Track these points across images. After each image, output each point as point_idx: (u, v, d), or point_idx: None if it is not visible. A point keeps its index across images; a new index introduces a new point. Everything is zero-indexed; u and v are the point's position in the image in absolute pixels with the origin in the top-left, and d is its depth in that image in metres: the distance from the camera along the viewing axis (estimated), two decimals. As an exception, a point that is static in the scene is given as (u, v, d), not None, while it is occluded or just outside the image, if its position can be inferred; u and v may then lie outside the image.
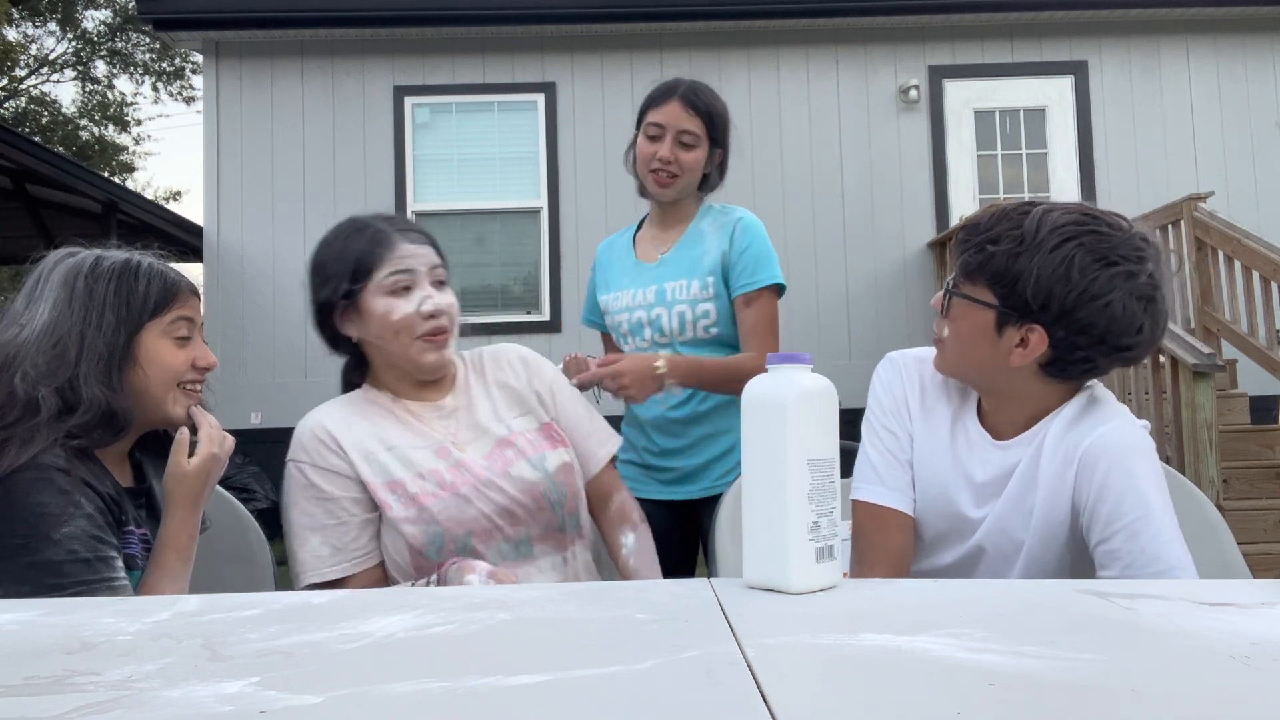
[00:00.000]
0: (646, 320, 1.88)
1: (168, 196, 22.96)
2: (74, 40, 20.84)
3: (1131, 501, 1.08)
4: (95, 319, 1.17)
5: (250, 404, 6.14)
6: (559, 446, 1.41)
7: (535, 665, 0.63)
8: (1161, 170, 6.56)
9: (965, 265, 1.16)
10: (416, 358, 1.35)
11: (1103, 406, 1.17)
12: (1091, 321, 1.08)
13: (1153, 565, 1.06)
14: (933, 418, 1.25)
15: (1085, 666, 0.62)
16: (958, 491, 1.21)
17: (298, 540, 1.30)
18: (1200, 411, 3.83)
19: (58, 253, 1.23)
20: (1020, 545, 1.16)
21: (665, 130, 1.84)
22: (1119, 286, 1.08)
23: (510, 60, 6.63)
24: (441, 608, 0.81)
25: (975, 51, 6.72)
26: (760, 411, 0.90)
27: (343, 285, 1.33)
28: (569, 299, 6.49)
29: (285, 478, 1.34)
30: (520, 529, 1.33)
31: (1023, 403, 1.18)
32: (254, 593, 1.23)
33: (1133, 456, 1.11)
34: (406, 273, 1.34)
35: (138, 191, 15.71)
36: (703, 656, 0.65)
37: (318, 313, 1.37)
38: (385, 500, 1.29)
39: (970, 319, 1.16)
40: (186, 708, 0.56)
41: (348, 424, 1.34)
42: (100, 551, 1.11)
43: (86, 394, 1.14)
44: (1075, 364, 1.13)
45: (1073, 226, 1.09)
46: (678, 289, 1.86)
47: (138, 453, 1.29)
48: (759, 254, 1.83)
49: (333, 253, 1.36)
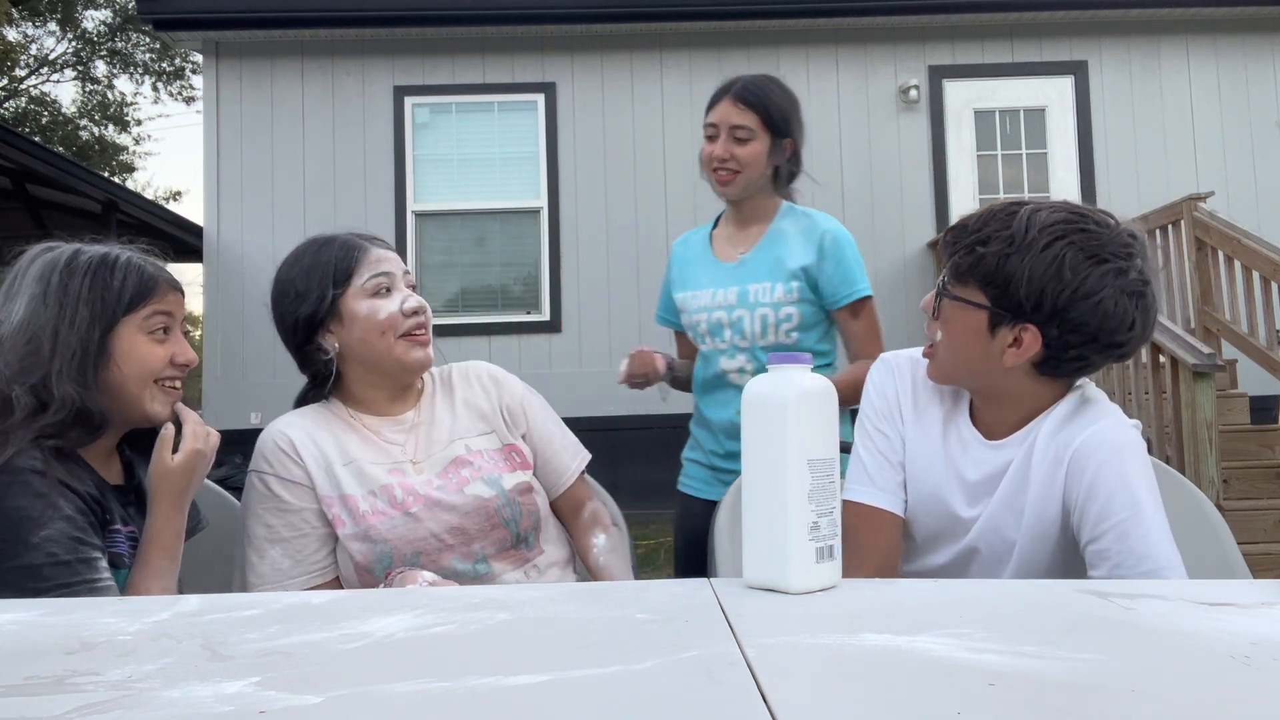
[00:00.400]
0: (727, 321, 1.86)
1: (168, 196, 23.00)
2: (74, 40, 20.85)
3: (1121, 501, 1.08)
4: (69, 315, 1.15)
5: (250, 404, 6.14)
6: (517, 469, 1.40)
7: (535, 665, 0.63)
8: (1161, 170, 6.56)
9: (956, 267, 1.16)
10: (402, 356, 1.35)
11: (1094, 406, 1.17)
12: (1084, 320, 1.08)
13: (1142, 565, 1.06)
14: (925, 418, 1.25)
15: (1085, 666, 0.62)
16: (950, 492, 1.21)
17: (256, 552, 1.29)
18: (1200, 411, 3.83)
19: (35, 248, 1.21)
20: (1013, 545, 1.16)
21: (719, 129, 1.83)
22: (1110, 284, 1.08)
23: (510, 60, 6.63)
24: (442, 608, 0.81)
25: (975, 51, 6.72)
26: (760, 411, 0.90)
27: (328, 292, 1.33)
28: (569, 299, 6.49)
29: (246, 487, 1.33)
30: (474, 547, 1.32)
31: (1015, 402, 1.18)
32: (254, 593, 1.24)
33: (1123, 456, 1.11)
34: (385, 275, 1.35)
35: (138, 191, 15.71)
36: (703, 656, 0.65)
37: (302, 329, 1.36)
38: (337, 515, 1.29)
39: (962, 321, 1.16)
40: (187, 708, 0.56)
41: (309, 434, 1.34)
42: (81, 553, 1.09)
43: (59, 392, 1.12)
44: (1069, 362, 1.13)
45: (1062, 225, 1.10)
46: (761, 291, 1.83)
47: (127, 450, 1.28)
48: (855, 263, 1.83)
49: (302, 269, 1.36)
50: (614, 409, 5.94)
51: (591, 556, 1.42)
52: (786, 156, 1.88)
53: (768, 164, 1.85)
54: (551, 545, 1.42)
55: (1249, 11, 6.63)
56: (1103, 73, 6.70)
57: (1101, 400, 1.19)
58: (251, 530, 1.30)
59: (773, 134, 1.83)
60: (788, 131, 1.85)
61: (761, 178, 1.86)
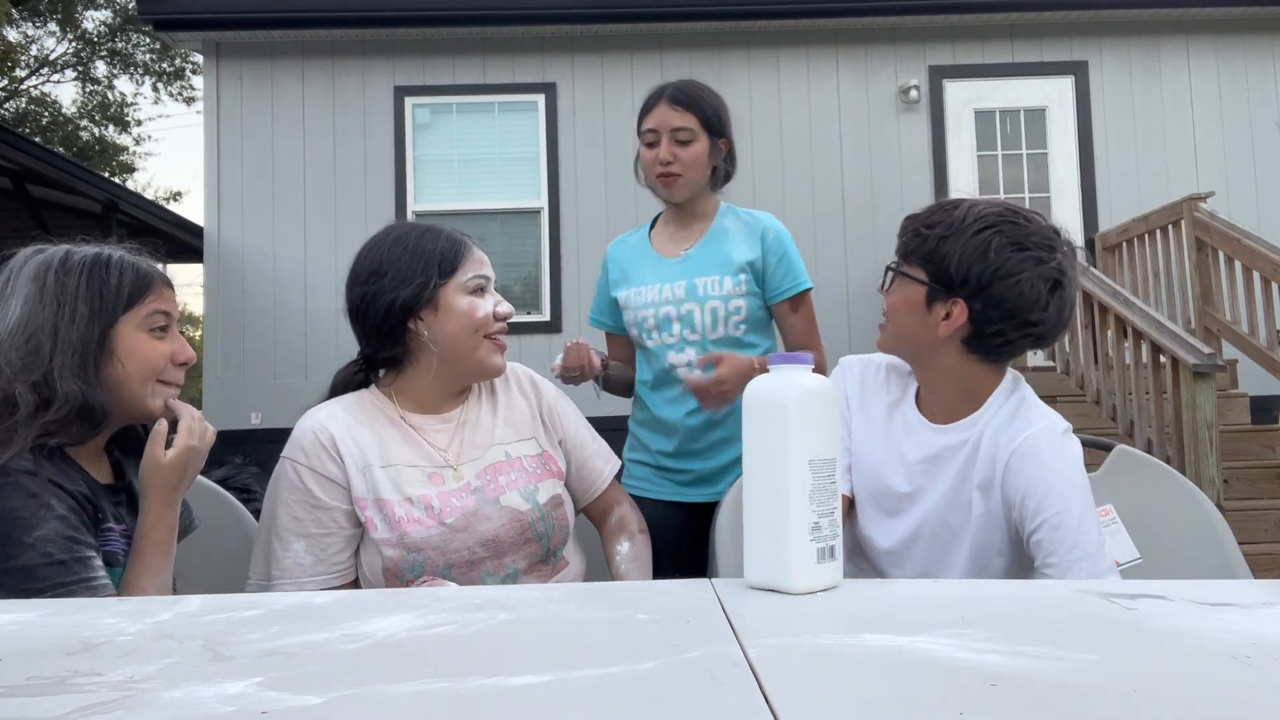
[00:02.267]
0: (676, 315, 1.87)
1: (168, 197, 22.97)
2: (74, 40, 20.83)
3: (1054, 498, 1.21)
4: (68, 312, 1.15)
5: (250, 404, 6.13)
6: (550, 477, 1.40)
7: (537, 666, 0.63)
8: (1161, 170, 6.56)
9: (904, 247, 1.33)
10: (485, 358, 1.37)
11: (1030, 411, 1.29)
12: (1003, 297, 1.24)
13: (1073, 553, 1.19)
14: (870, 407, 1.41)
15: (1086, 667, 0.62)
16: (890, 469, 1.35)
17: (281, 542, 1.28)
18: (1200, 411, 3.83)
19: (26, 250, 1.21)
20: (960, 535, 1.29)
21: (659, 133, 1.86)
22: (1029, 270, 1.23)
23: (510, 60, 6.63)
24: (443, 608, 0.81)
25: (975, 51, 6.72)
26: (761, 412, 0.90)
27: (432, 280, 1.33)
28: (569, 299, 6.49)
29: (278, 473, 1.31)
30: (506, 560, 1.32)
31: (952, 380, 1.32)
32: (255, 593, 1.23)
33: (1053, 458, 1.23)
34: (484, 277, 1.38)
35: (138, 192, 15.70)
36: (704, 657, 0.65)
37: (398, 311, 1.32)
38: (370, 518, 1.28)
39: (905, 294, 1.32)
40: (188, 708, 0.56)
41: (350, 430, 1.32)
42: (76, 552, 1.09)
43: (62, 388, 1.12)
44: (991, 337, 1.27)
45: (993, 216, 1.26)
46: (709, 284, 1.86)
47: (115, 450, 1.27)
48: (794, 259, 1.89)
49: (404, 252, 1.34)
50: (614, 409, 5.94)
51: (615, 563, 1.44)
52: (723, 156, 1.92)
53: (708, 163, 1.89)
54: (573, 557, 1.43)
55: (1249, 11, 6.63)
56: (1103, 73, 6.69)
57: (1037, 404, 1.32)
58: (279, 519, 1.29)
59: (710, 134, 1.88)
60: (723, 131, 1.90)
61: (704, 178, 1.90)
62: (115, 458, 1.27)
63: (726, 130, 1.91)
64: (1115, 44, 6.71)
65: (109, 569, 1.14)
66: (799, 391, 0.88)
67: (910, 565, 1.33)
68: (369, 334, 1.36)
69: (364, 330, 1.37)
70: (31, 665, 0.65)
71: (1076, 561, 1.18)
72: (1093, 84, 6.67)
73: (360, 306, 1.35)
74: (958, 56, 6.71)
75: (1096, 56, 6.70)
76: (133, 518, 1.22)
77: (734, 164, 1.95)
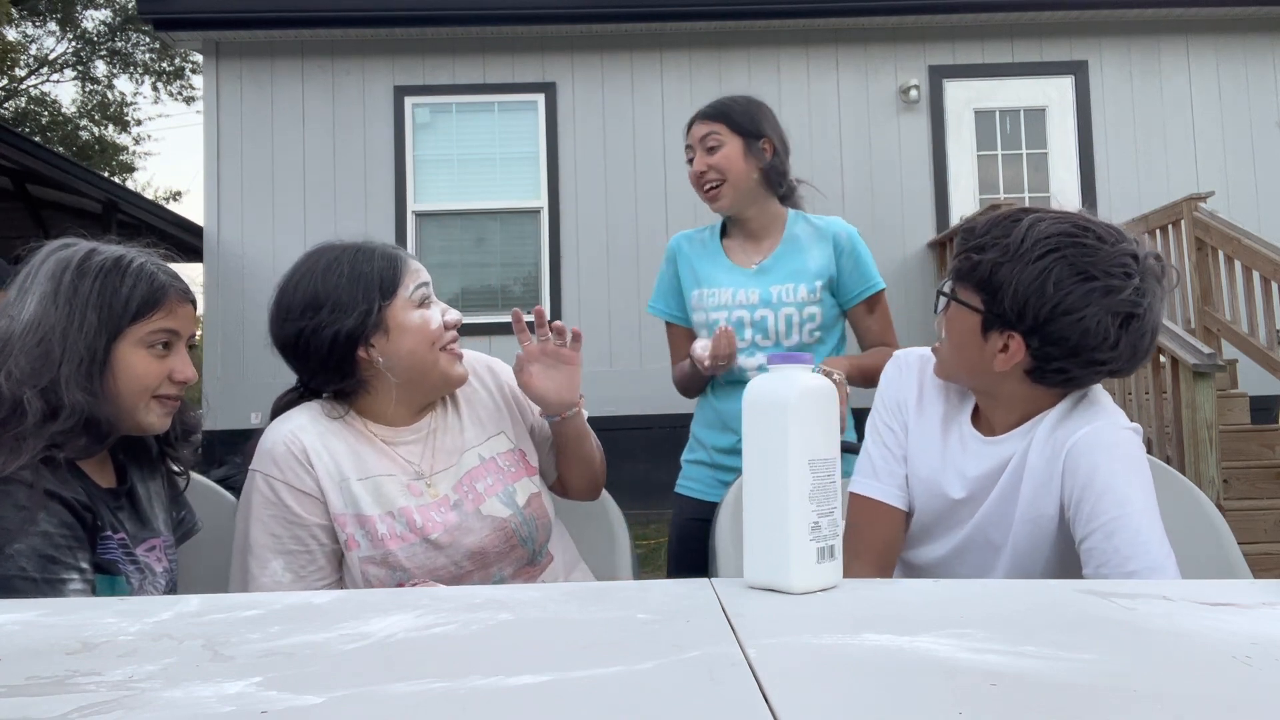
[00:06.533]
0: (749, 320, 1.87)
1: (168, 196, 22.98)
2: (74, 40, 20.84)
3: (1110, 501, 1.09)
4: (78, 318, 1.12)
5: (250, 404, 6.13)
6: (525, 476, 1.38)
7: (536, 665, 0.63)
8: (1161, 170, 6.56)
9: (957, 270, 1.19)
10: (447, 370, 1.31)
11: (1094, 405, 1.17)
12: (1064, 335, 1.09)
13: (1127, 565, 1.06)
14: (928, 413, 1.28)
15: (1087, 667, 0.62)
16: (948, 483, 1.22)
17: (258, 561, 1.23)
18: (1200, 411, 3.83)
19: (52, 244, 1.18)
20: (1007, 538, 1.18)
21: (695, 149, 1.88)
22: (1095, 302, 1.07)
23: (510, 60, 6.63)
24: (442, 608, 0.81)
25: (975, 51, 6.72)
26: (762, 411, 0.90)
27: (374, 304, 1.25)
28: (569, 299, 6.49)
29: (249, 487, 1.25)
30: (493, 570, 1.30)
31: (1013, 404, 1.20)
32: (255, 593, 1.23)
33: (1115, 456, 1.11)
34: (425, 284, 1.31)
35: (138, 191, 15.70)
36: (704, 657, 0.65)
37: (343, 343, 1.24)
38: (352, 536, 1.24)
39: (960, 321, 1.18)
40: (188, 708, 0.56)
41: (322, 442, 1.27)
42: (50, 573, 1.06)
43: (69, 399, 1.09)
44: (1053, 374, 1.14)
45: (1059, 238, 1.09)
46: (784, 292, 1.86)
47: (120, 453, 1.25)
48: (867, 261, 1.90)
49: (339, 280, 1.26)
50: (614, 409, 5.94)
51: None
52: (769, 156, 1.88)
53: (748, 166, 1.86)
54: (558, 550, 1.41)
55: (1249, 11, 6.63)
56: (1103, 73, 6.70)
57: (1103, 399, 1.19)
58: (253, 536, 1.23)
59: (742, 135, 1.85)
60: (758, 131, 1.87)
61: (749, 183, 1.87)
62: (119, 461, 1.25)
63: (762, 129, 1.87)
64: (1115, 44, 6.71)
65: (108, 577, 1.13)
66: (799, 391, 0.88)
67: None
68: (313, 370, 1.29)
69: (306, 366, 1.30)
70: (31, 665, 0.65)
71: (1132, 575, 1.05)
72: (1093, 84, 6.68)
73: (298, 342, 1.26)
74: (958, 56, 6.71)
75: (1096, 56, 6.71)
76: (134, 524, 1.20)
77: (785, 161, 1.91)
